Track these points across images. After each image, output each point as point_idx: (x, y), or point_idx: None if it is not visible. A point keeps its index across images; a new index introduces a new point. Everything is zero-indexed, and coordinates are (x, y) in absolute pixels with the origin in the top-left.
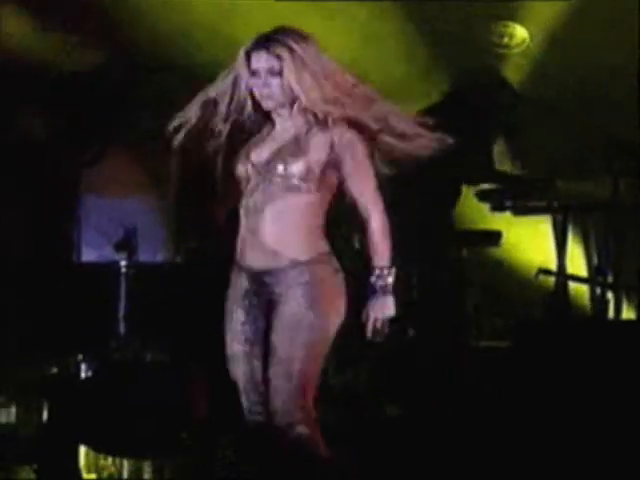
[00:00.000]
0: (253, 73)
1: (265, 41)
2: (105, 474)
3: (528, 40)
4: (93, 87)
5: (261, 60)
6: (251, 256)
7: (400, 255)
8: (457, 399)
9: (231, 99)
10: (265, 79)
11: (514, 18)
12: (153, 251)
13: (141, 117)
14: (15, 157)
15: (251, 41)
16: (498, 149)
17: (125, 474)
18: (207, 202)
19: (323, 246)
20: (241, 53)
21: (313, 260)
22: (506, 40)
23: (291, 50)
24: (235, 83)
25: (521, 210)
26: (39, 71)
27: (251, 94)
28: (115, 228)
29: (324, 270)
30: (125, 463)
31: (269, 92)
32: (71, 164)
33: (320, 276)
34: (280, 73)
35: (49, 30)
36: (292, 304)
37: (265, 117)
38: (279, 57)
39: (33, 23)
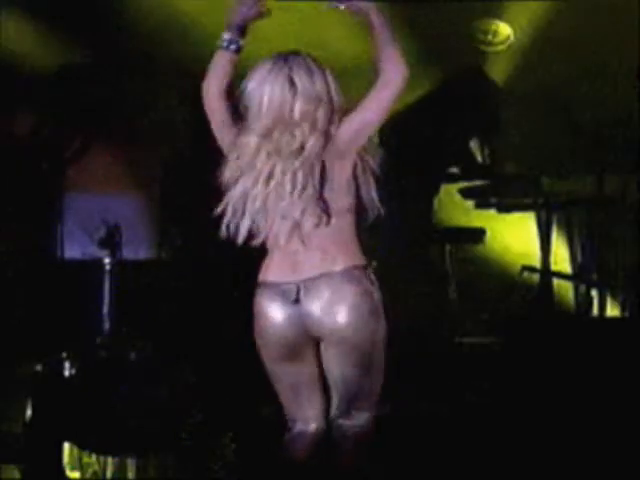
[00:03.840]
0: None
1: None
2: (89, 472)
3: (512, 37)
4: (77, 84)
5: None
6: None
7: (382, 253)
8: (442, 395)
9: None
10: None
11: (498, 16)
12: (137, 248)
13: (125, 114)
14: None
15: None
16: (482, 145)
17: (109, 472)
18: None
19: None
20: None
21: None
22: (490, 37)
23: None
24: None
25: (505, 207)
26: (22, 68)
27: None
28: (98, 225)
29: None
30: (109, 461)
31: None
32: (54, 160)
33: None
34: None
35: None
36: None
37: None
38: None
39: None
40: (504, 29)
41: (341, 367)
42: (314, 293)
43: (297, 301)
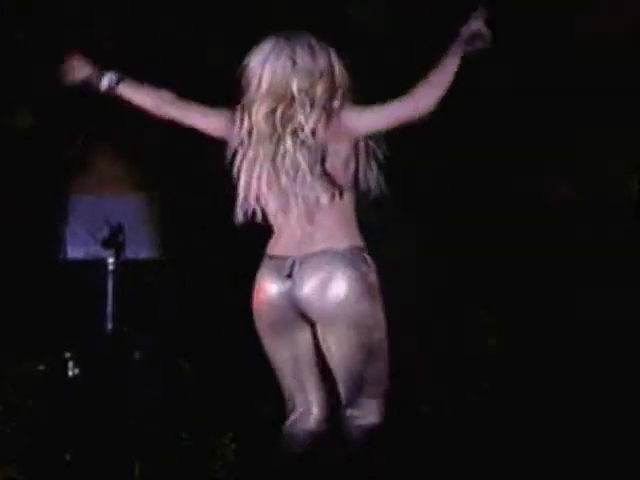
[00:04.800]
0: None
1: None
2: None
3: None
4: (79, 84)
5: None
6: None
7: (383, 255)
8: (448, 396)
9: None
10: None
11: None
12: (140, 248)
13: (129, 115)
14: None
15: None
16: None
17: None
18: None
19: None
20: None
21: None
22: None
23: None
24: None
25: None
26: (25, 67)
27: None
28: (101, 225)
29: None
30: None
31: None
32: (56, 160)
33: None
34: None
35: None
36: None
37: None
38: None
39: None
40: None
41: (338, 349)
42: (309, 269)
43: (289, 276)
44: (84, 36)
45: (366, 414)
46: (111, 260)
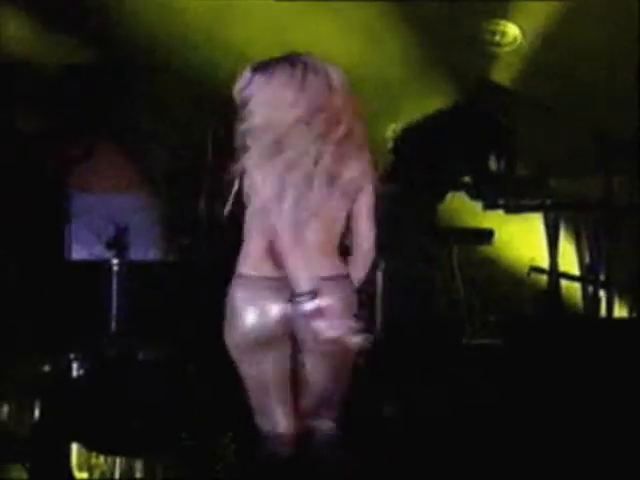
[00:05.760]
0: None
1: None
2: (97, 473)
3: (520, 38)
4: (83, 84)
5: None
6: None
7: (390, 255)
8: (450, 397)
9: None
10: None
11: (506, 16)
12: (144, 249)
13: (132, 115)
14: (4, 154)
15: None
16: (490, 148)
17: (117, 473)
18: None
19: None
20: None
21: None
22: (498, 38)
23: None
24: None
25: (513, 208)
26: (28, 68)
27: None
28: (106, 226)
29: None
30: (117, 462)
31: None
32: (61, 161)
33: None
34: None
35: (43, 29)
36: None
37: None
38: None
39: (29, 22)
40: (512, 30)
41: (317, 371)
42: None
43: (289, 300)
44: None
45: (327, 423)
46: (115, 261)
